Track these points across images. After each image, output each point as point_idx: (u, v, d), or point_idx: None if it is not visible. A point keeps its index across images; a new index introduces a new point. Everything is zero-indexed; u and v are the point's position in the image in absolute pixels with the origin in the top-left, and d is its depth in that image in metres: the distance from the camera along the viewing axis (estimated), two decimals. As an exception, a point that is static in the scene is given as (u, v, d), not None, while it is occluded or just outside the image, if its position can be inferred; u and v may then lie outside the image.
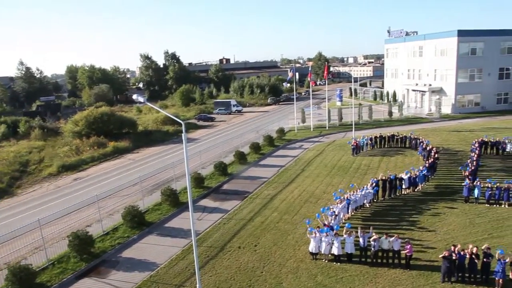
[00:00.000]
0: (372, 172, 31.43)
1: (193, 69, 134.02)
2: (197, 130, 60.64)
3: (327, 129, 51.16)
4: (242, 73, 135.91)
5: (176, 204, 27.12)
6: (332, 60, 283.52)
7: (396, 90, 72.49)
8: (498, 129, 45.55)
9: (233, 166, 36.25)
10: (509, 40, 60.15)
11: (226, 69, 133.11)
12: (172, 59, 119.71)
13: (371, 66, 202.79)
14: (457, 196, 25.73)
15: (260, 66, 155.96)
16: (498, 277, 15.90)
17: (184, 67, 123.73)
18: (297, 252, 19.82)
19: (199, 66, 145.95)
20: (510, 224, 21.64)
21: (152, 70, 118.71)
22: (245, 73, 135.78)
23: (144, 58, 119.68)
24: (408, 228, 21.78)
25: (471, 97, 60.43)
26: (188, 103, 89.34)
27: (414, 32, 73.31)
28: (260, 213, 25.11)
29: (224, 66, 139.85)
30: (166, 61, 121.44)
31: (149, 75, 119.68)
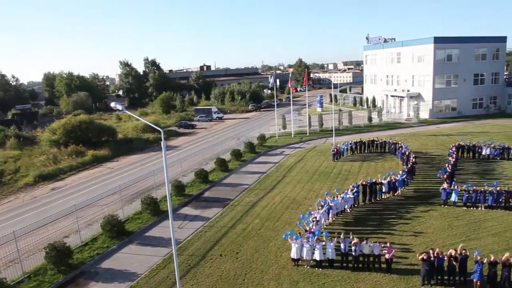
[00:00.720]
0: (352, 177, 31.75)
1: (174, 76, 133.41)
2: (178, 138, 60.25)
3: (308, 135, 51.51)
4: (223, 80, 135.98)
5: (157, 213, 26.80)
6: (313, 67, 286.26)
7: (375, 96, 73.63)
8: (474, 133, 46.70)
9: (214, 173, 36.11)
10: (483, 47, 62.01)
11: (207, 76, 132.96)
12: (152, 66, 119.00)
13: (350, 72, 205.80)
14: (436, 200, 26.21)
15: (241, 73, 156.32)
16: (476, 279, 16.19)
17: (164, 74, 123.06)
18: (279, 259, 19.80)
19: (180, 73, 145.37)
20: (487, 226, 22.14)
21: (132, 77, 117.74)
22: (226, 80, 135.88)
23: (123, 65, 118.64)
24: (389, 232, 22.03)
25: (448, 102, 61.88)
26: (169, 111, 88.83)
27: (392, 39, 74.68)
28: (242, 220, 25.03)
29: (205, 73, 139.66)
30: (146, 68, 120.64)
31: (129, 82, 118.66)
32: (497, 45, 63.17)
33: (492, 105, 63.87)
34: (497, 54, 63.54)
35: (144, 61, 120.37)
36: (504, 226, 22.09)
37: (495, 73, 63.59)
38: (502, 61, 65.86)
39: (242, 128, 64.31)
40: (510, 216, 23.38)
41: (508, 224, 22.32)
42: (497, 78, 63.85)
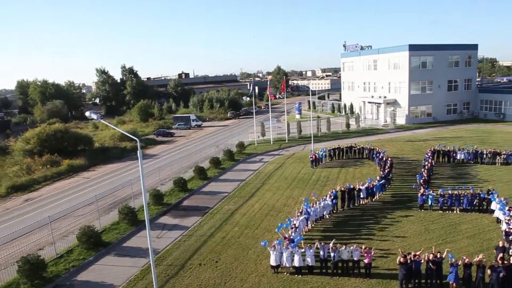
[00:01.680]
0: (331, 184, 31.98)
1: (152, 83, 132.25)
2: (156, 146, 59.64)
3: (287, 142, 51.73)
4: (202, 87, 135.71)
5: (135, 223, 26.36)
6: (291, 74, 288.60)
7: (353, 102, 74.68)
8: (449, 138, 47.84)
9: (193, 181, 35.83)
10: (456, 54, 63.87)
11: (185, 83, 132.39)
12: (130, 73, 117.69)
13: (329, 79, 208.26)
14: (413, 204, 26.65)
15: (219, 81, 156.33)
16: (452, 281, 16.52)
17: (142, 82, 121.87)
18: (259, 267, 19.72)
19: (158, 81, 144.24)
20: (462, 229, 22.62)
21: (109, 85, 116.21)
22: (205, 87, 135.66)
23: (100, 73, 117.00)
24: (367, 237, 22.24)
25: (423, 108, 63.31)
26: (147, 119, 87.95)
27: (368, 46, 76.10)
28: (221, 229, 24.87)
29: (183, 80, 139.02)
30: (124, 76, 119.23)
31: (105, 90, 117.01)
32: (469, 53, 65.18)
33: (466, 110, 65.65)
34: (469, 61, 65.53)
35: (121, 69, 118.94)
36: (478, 229, 22.63)
37: (467, 80, 65.49)
38: (474, 68, 67.96)
39: (221, 135, 64.15)
40: (483, 218, 23.97)
41: (482, 227, 22.87)
42: (469, 84, 65.75)
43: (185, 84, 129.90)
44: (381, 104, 65.49)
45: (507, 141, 44.63)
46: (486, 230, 22.44)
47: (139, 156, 13.93)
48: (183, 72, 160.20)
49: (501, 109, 62.14)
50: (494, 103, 63.49)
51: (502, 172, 33.51)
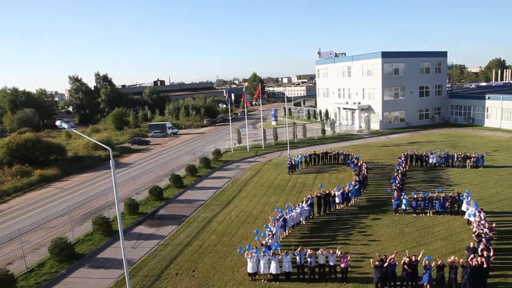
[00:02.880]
0: (307, 190, 32.16)
1: (127, 91, 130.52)
2: (131, 155, 58.75)
3: (263, 149, 51.84)
4: (178, 94, 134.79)
5: (109, 233, 25.81)
6: (267, 81, 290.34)
7: (328, 108, 75.61)
8: (421, 143, 48.93)
9: (169, 190, 35.43)
10: (427, 61, 65.70)
11: (161, 91, 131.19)
12: (104, 81, 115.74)
13: (304, 86, 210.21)
14: (387, 208, 27.08)
15: (195, 88, 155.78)
16: (426, 283, 16.85)
17: (116, 89, 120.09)
18: (236, 274, 19.60)
19: (133, 88, 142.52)
20: (435, 231, 23.12)
21: (82, 93, 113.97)
22: (181, 94, 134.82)
23: (73, 80, 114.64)
24: (344, 242, 22.44)
25: (397, 114, 64.68)
26: (122, 127, 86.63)
27: (342, 53, 77.39)
28: (198, 237, 24.64)
29: (158, 88, 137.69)
30: (98, 84, 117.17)
31: (79, 98, 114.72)
32: (439, 59, 67.18)
33: (437, 115, 67.46)
34: (439, 68, 67.54)
35: (95, 76, 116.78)
36: (450, 230, 23.16)
37: (438, 86, 67.41)
38: (444, 74, 70.03)
39: (197, 143, 63.76)
40: (455, 220, 24.56)
41: (454, 228, 23.43)
42: (440, 90, 67.67)
43: (160, 92, 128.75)
44: (356, 110, 66.55)
45: (476, 145, 46.02)
46: (458, 231, 23.00)
47: (111, 166, 13.70)
48: (158, 79, 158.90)
49: (470, 114, 64.07)
50: (464, 108, 65.44)
51: (472, 175, 34.46)
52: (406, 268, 17.14)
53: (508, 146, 45.82)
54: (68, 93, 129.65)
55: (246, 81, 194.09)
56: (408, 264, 17.17)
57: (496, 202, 27.42)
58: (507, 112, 58.03)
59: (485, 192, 29.50)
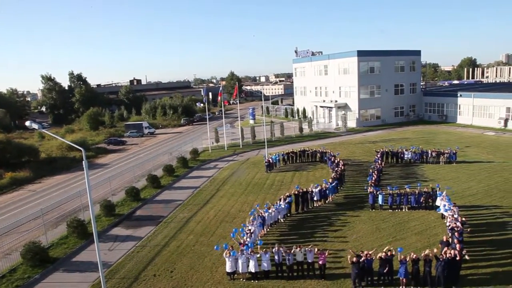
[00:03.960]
0: (285, 188, 32.27)
1: (102, 90, 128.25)
2: (107, 155, 57.72)
3: (241, 148, 51.75)
4: (155, 94, 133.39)
5: (85, 236, 25.28)
6: (245, 79, 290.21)
7: (305, 107, 76.05)
8: (396, 140, 49.81)
9: (146, 190, 34.99)
10: (401, 60, 66.90)
11: (137, 90, 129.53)
12: (78, 80, 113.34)
13: (282, 84, 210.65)
14: (364, 204, 27.44)
15: (173, 87, 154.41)
16: (402, 277, 17.17)
17: (91, 88, 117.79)
18: (215, 274, 19.51)
19: (108, 88, 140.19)
20: (411, 226, 23.57)
21: (56, 93, 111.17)
22: (158, 94, 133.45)
23: (46, 80, 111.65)
24: (321, 239, 22.63)
25: (373, 111, 65.62)
26: (97, 127, 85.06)
27: (319, 52, 77.86)
28: (176, 237, 24.41)
29: (135, 87, 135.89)
30: (72, 83, 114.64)
31: (52, 98, 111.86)
32: (413, 58, 68.51)
33: (412, 113, 68.74)
34: (414, 66, 68.87)
35: (69, 75, 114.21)
36: (425, 225, 23.66)
37: (413, 84, 68.74)
38: (418, 73, 71.45)
39: (174, 142, 63.15)
40: (430, 215, 25.08)
41: (429, 223, 23.95)
42: (414, 88, 69.03)
43: (137, 91, 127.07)
44: (333, 108, 67.18)
45: (449, 141, 47.14)
46: (432, 226, 23.52)
47: (84, 167, 13.41)
48: (135, 78, 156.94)
49: (443, 111, 65.60)
50: (437, 106, 66.98)
51: (445, 170, 35.30)
52: (382, 263, 17.44)
53: (479, 142, 47.14)
54: (41, 92, 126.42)
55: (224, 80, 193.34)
56: (383, 259, 17.46)
57: (468, 196, 28.17)
58: (478, 109, 59.71)
59: (458, 186, 30.25)
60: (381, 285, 17.69)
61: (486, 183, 31.02)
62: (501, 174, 33.28)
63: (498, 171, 34.08)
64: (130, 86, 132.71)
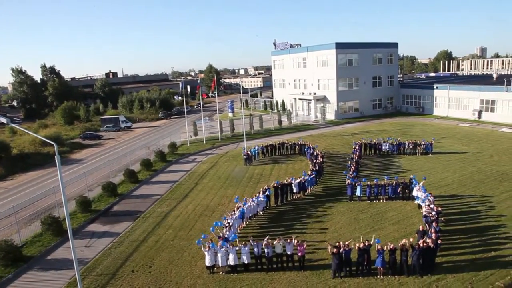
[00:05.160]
0: (264, 180, 32.23)
1: (77, 84, 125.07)
2: (83, 150, 56.49)
3: (220, 141, 51.43)
4: (131, 87, 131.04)
5: (60, 233, 24.66)
6: (224, 72, 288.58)
7: (284, 99, 76.12)
8: (374, 132, 50.39)
9: (123, 185, 34.41)
10: (379, 52, 67.51)
11: (113, 83, 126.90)
12: (51, 73, 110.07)
13: (261, 77, 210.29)
14: (342, 196, 27.65)
15: (150, 80, 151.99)
16: (380, 266, 17.45)
17: (65, 82, 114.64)
18: (194, 268, 19.35)
19: (83, 81, 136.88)
20: (388, 217, 23.93)
21: (27, 86, 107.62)
22: (135, 87, 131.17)
23: (17, 73, 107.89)
24: (301, 231, 22.73)
25: (351, 104, 66.15)
26: (72, 121, 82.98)
27: (298, 44, 77.78)
28: (154, 232, 24.09)
29: (111, 80, 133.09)
30: (44, 76, 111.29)
31: (24, 92, 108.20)
32: (390, 51, 69.24)
33: (390, 105, 69.64)
34: (391, 59, 69.62)
35: (41, 68, 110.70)
36: (402, 215, 24.05)
37: (390, 76, 69.53)
38: (395, 65, 72.30)
39: (152, 136, 62.30)
40: (407, 205, 25.51)
41: (406, 213, 24.36)
42: (392, 80, 69.85)
43: (113, 84, 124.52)
44: (312, 101, 67.42)
45: (426, 133, 47.99)
46: (409, 216, 23.92)
47: (57, 162, 12.97)
48: (110, 71, 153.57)
49: (420, 103, 66.67)
50: (414, 98, 68.01)
51: (422, 161, 35.93)
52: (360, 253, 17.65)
53: (454, 133, 48.15)
54: (12, 86, 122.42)
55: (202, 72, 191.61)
56: (361, 249, 17.65)
57: (444, 186, 28.75)
58: (453, 101, 60.90)
59: (434, 177, 30.83)
60: (359, 274, 17.89)
61: (460, 173, 31.72)
62: (475, 164, 34.08)
63: (472, 162, 34.88)
64: (106, 79, 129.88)
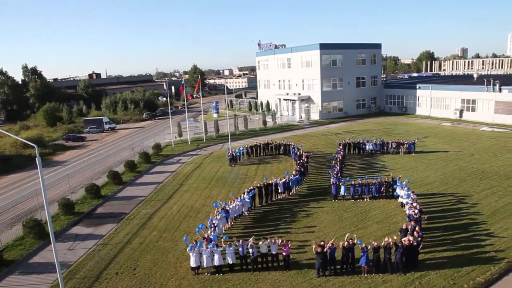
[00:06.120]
0: (249, 181, 32.24)
1: (59, 85, 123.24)
2: (66, 152, 55.69)
3: (205, 142, 51.29)
4: (115, 88, 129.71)
5: (42, 236, 24.23)
6: (208, 73, 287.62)
7: (269, 100, 76.30)
8: (358, 131, 50.86)
9: (107, 187, 34.03)
10: (363, 53, 68.18)
11: (97, 84, 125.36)
12: (33, 74, 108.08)
13: (246, 77, 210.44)
14: (327, 196, 27.84)
15: (134, 81, 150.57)
16: (364, 264, 17.62)
17: (48, 83, 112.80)
18: (179, 270, 19.26)
19: (66, 82, 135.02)
20: (372, 215, 24.19)
21: (8, 87, 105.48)
22: (118, 88, 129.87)
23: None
24: (285, 230, 22.81)
25: (335, 104, 66.65)
26: (55, 123, 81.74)
27: (282, 45, 78.09)
28: (138, 234, 23.90)
29: (94, 81, 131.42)
30: (26, 77, 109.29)
31: (4, 93, 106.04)
32: (374, 51, 69.98)
33: (373, 105, 70.41)
34: (375, 59, 70.40)
35: (22, 69, 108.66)
36: (386, 214, 24.34)
37: (373, 76, 70.29)
38: (379, 66, 73.10)
39: (136, 138, 61.77)
40: (390, 204, 25.81)
41: (389, 211, 24.65)
42: (375, 80, 70.63)
43: (96, 85, 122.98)
44: (296, 101, 67.72)
45: (409, 132, 48.66)
46: (392, 214, 24.21)
47: (38, 164, 12.81)
48: (94, 72, 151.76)
49: (403, 103, 67.57)
50: (397, 98, 68.89)
51: (405, 160, 36.42)
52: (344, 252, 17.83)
53: (436, 132, 48.93)
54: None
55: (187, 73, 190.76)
56: (347, 248, 17.82)
57: (426, 185, 29.19)
58: (435, 100, 61.92)
59: (417, 175, 31.29)
60: (343, 273, 18.04)
61: (442, 171, 32.26)
62: (457, 162, 34.69)
63: (453, 160, 35.50)
64: (89, 80, 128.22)
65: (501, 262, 18.21)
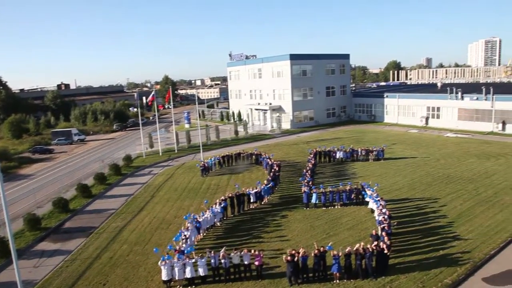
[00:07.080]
0: (221, 191, 32.07)
1: (26, 96, 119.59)
2: (32, 165, 53.89)
3: (176, 152, 50.79)
4: (85, 99, 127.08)
5: (5, 254, 23.21)
6: (180, 83, 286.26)
7: (241, 110, 76.46)
8: (329, 140, 51.61)
9: (76, 200, 33.13)
10: (332, 63, 69.67)
11: (65, 95, 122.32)
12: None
13: (217, 88, 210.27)
14: (299, 204, 28.03)
15: (104, 91, 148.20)
16: (336, 271, 17.82)
17: (13, 94, 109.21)
18: (150, 284, 18.89)
19: (33, 93, 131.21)
20: (343, 222, 24.53)
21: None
22: (88, 99, 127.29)
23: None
24: (258, 240, 22.79)
25: (306, 113, 67.55)
26: (20, 135, 79.06)
27: (253, 55, 78.66)
28: (108, 248, 23.33)
29: (63, 92, 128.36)
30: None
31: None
32: (342, 61, 71.60)
33: (343, 113, 71.72)
34: (343, 69, 72.01)
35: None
36: (356, 220, 24.73)
37: (343, 86, 71.77)
38: (347, 75, 74.70)
39: (106, 149, 60.60)
40: (360, 210, 26.25)
41: (360, 218, 25.06)
42: (345, 90, 72.11)
43: (65, 96, 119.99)
44: (267, 111, 68.20)
45: (377, 140, 49.76)
46: (363, 220, 24.62)
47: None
48: (62, 83, 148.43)
49: (372, 111, 69.13)
50: (366, 106, 70.49)
51: (374, 167, 37.19)
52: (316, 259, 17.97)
53: (404, 139, 50.23)
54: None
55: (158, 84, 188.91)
56: (317, 256, 17.97)
57: (395, 191, 29.87)
58: (402, 108, 63.70)
59: (386, 182, 31.99)
60: (316, 280, 18.16)
61: (410, 177, 33.10)
62: (423, 168, 35.69)
63: (421, 166, 36.50)
64: (58, 91, 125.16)
65: (467, 263, 18.83)
